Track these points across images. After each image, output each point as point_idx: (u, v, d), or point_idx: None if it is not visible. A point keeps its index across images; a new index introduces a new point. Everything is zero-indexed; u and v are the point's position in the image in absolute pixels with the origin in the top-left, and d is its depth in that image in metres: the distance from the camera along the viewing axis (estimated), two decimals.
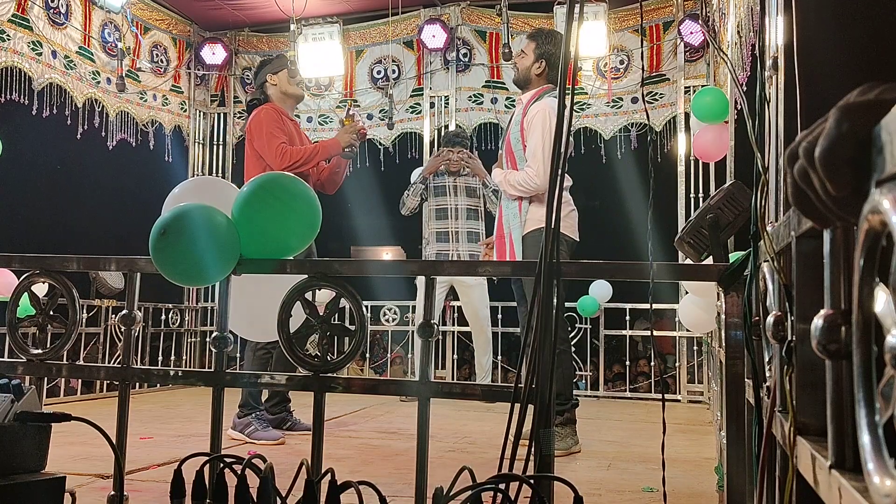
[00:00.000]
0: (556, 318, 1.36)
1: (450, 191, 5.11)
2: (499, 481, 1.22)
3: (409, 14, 6.06)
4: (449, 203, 5.10)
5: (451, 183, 5.10)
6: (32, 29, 4.84)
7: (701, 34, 5.20)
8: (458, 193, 5.11)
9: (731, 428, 1.41)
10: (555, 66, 3.40)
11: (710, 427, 3.87)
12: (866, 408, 0.50)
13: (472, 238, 5.12)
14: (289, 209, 1.87)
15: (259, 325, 2.36)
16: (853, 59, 0.96)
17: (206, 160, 6.58)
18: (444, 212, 5.11)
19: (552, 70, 3.42)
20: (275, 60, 3.86)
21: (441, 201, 5.11)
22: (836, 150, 0.50)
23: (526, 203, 3.38)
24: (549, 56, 3.43)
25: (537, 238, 3.28)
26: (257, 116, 3.61)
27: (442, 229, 5.12)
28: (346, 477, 1.24)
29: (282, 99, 3.75)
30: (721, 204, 1.66)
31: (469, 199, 5.12)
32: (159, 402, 4.81)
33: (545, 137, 3.30)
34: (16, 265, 2.25)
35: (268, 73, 3.76)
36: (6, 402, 1.49)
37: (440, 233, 5.12)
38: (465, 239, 5.10)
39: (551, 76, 3.43)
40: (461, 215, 5.10)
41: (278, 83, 3.75)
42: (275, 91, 3.75)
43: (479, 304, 5.14)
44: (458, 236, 5.09)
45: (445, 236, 5.11)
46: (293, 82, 3.78)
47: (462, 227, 5.10)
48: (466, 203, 5.11)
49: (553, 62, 3.41)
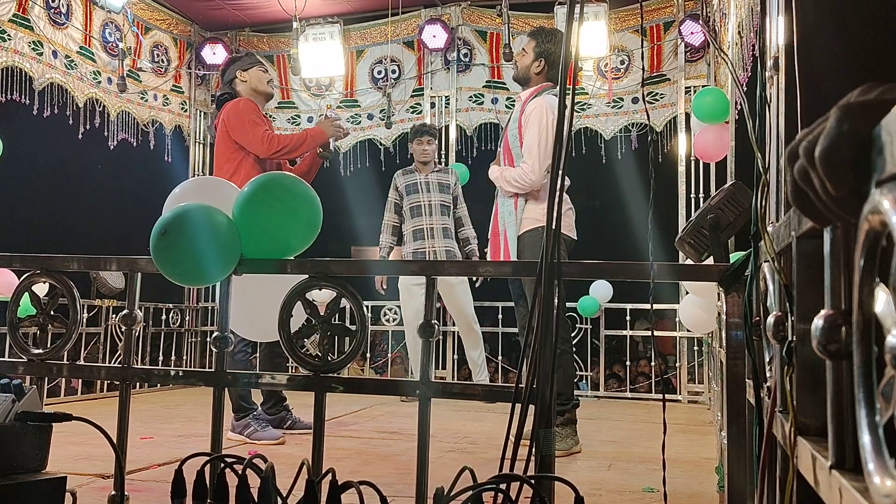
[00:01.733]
0: (557, 318, 1.36)
1: (422, 187, 5.04)
2: (499, 481, 1.23)
3: (409, 14, 6.06)
4: (422, 200, 5.02)
5: (422, 179, 5.04)
6: (33, 29, 4.84)
7: (701, 34, 5.20)
8: (430, 189, 5.04)
9: (732, 428, 1.40)
10: (554, 65, 3.40)
11: (711, 427, 3.87)
12: (866, 408, 0.50)
13: (447, 234, 5.06)
14: (289, 209, 1.87)
15: (259, 325, 2.36)
16: (853, 59, 0.96)
17: (206, 160, 6.58)
18: (419, 209, 5.04)
19: (552, 69, 3.42)
20: (244, 58, 3.81)
21: (414, 199, 5.04)
22: (837, 150, 0.50)
23: (522, 201, 3.37)
24: (548, 55, 3.42)
25: (535, 238, 3.28)
26: (235, 107, 3.55)
27: (417, 227, 5.04)
28: (347, 477, 1.24)
29: (252, 96, 3.69)
30: (721, 204, 1.66)
31: (442, 195, 5.06)
32: (160, 402, 4.81)
33: (541, 134, 3.30)
34: (16, 265, 2.25)
35: (238, 70, 3.71)
36: (7, 402, 1.49)
37: (416, 230, 5.04)
38: (441, 235, 5.03)
39: (551, 75, 3.43)
40: (435, 211, 5.03)
41: (248, 80, 3.69)
42: (244, 87, 3.69)
43: (464, 300, 5.10)
44: (433, 232, 5.01)
45: (421, 233, 5.03)
46: (264, 80, 3.73)
47: (437, 223, 5.03)
48: (440, 199, 5.04)
49: (553, 61, 3.41)
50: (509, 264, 2.67)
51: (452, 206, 5.13)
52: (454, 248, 5.08)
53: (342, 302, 1.73)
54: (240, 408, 3.46)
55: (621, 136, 5.73)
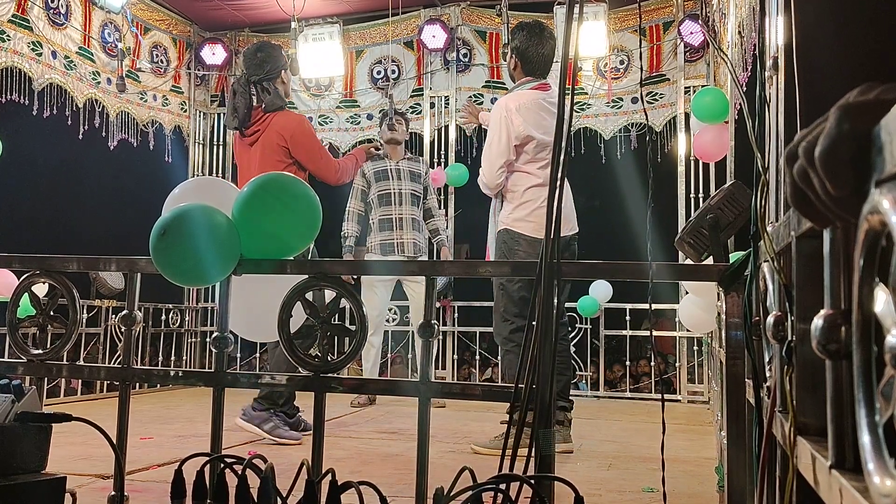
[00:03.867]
0: (557, 318, 1.36)
1: (392, 174, 4.79)
2: (499, 481, 1.23)
3: (409, 14, 6.07)
4: (392, 187, 4.77)
5: (392, 166, 4.79)
6: (32, 29, 4.84)
7: (701, 34, 5.20)
8: (401, 177, 4.78)
9: (732, 428, 1.40)
10: (528, 59, 3.39)
11: (710, 427, 3.87)
12: (866, 408, 0.50)
13: (416, 226, 4.82)
14: (289, 209, 1.87)
15: (259, 325, 2.36)
16: (853, 59, 0.96)
17: (206, 160, 6.59)
18: (388, 197, 4.78)
19: (526, 63, 3.40)
20: (279, 52, 3.60)
21: (384, 186, 4.78)
22: (836, 150, 0.50)
23: (498, 203, 3.41)
24: (520, 50, 3.41)
25: (499, 240, 3.32)
26: (302, 126, 3.46)
27: (386, 216, 4.78)
28: (347, 477, 1.24)
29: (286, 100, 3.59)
30: (721, 204, 1.66)
31: (413, 184, 4.81)
32: (159, 402, 4.81)
33: (492, 135, 3.32)
34: (16, 265, 2.25)
35: (282, 70, 3.54)
36: (7, 403, 1.49)
37: (383, 220, 4.78)
38: (410, 226, 4.78)
39: (527, 69, 3.42)
40: (405, 201, 4.77)
41: (287, 83, 3.58)
42: (284, 90, 3.56)
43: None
44: (403, 223, 4.76)
45: (389, 223, 4.77)
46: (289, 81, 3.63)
47: (406, 213, 4.78)
48: (410, 188, 4.80)
49: (526, 55, 3.39)
50: (509, 264, 2.67)
51: (423, 197, 4.91)
52: (422, 241, 4.88)
53: (342, 302, 1.73)
54: (269, 397, 3.33)
55: (621, 136, 5.73)
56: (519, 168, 3.31)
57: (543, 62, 3.40)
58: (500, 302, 3.31)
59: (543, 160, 3.25)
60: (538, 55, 3.38)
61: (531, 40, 3.38)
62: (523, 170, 3.30)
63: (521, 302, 3.19)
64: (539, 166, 3.27)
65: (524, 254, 3.21)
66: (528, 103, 3.29)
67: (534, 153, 3.28)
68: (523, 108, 3.28)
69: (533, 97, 3.32)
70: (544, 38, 3.40)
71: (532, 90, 3.35)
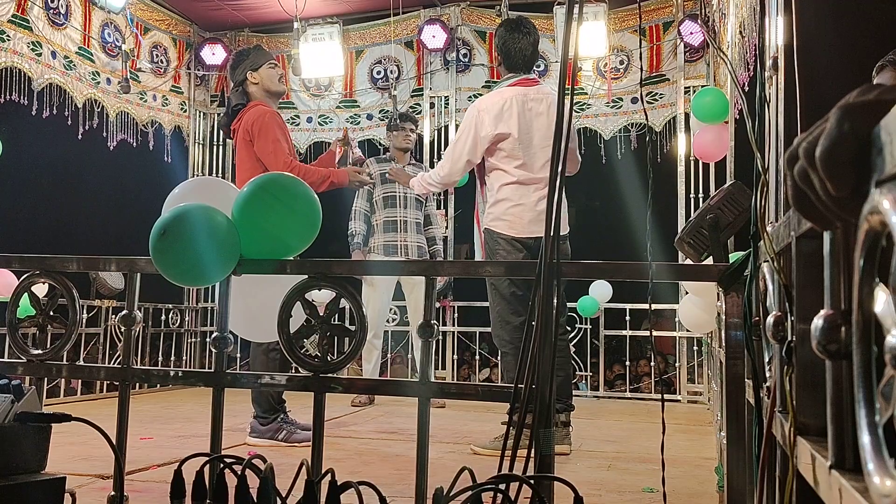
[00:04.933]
0: (557, 317, 1.36)
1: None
2: (499, 481, 1.22)
3: (409, 14, 6.06)
4: (398, 190, 4.85)
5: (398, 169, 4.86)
6: (32, 29, 4.84)
7: (701, 34, 5.20)
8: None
9: (732, 428, 1.41)
10: (509, 55, 3.40)
11: (710, 427, 3.87)
12: (866, 408, 0.50)
13: (419, 230, 4.93)
14: (289, 209, 1.87)
15: (259, 325, 2.36)
16: (853, 59, 0.96)
17: (206, 160, 6.59)
18: (393, 199, 4.87)
19: (508, 59, 3.40)
20: (253, 54, 3.53)
21: (389, 189, 4.86)
22: (837, 151, 0.50)
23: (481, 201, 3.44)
24: (501, 48, 3.41)
25: (485, 237, 3.35)
26: (262, 118, 3.35)
27: (390, 218, 4.86)
28: (346, 477, 1.24)
29: (264, 97, 3.48)
30: (721, 204, 1.66)
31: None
32: (159, 402, 4.81)
33: (461, 133, 3.37)
34: (16, 265, 2.25)
35: (248, 71, 3.46)
36: (6, 403, 1.49)
37: (388, 222, 4.86)
38: (414, 230, 4.88)
39: (508, 64, 3.42)
40: (410, 204, 4.88)
41: (260, 81, 3.46)
42: (257, 90, 3.47)
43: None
44: (407, 226, 4.86)
45: (394, 225, 4.86)
46: (275, 78, 3.51)
47: (411, 216, 4.88)
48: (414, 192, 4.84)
49: (507, 51, 3.39)
50: (508, 264, 2.67)
51: (425, 203, 5.02)
52: (425, 245, 4.97)
53: (341, 302, 1.73)
54: (270, 408, 3.30)
55: (621, 136, 5.73)
56: (496, 165, 3.31)
57: (523, 57, 3.39)
58: (494, 303, 3.31)
59: (520, 159, 3.24)
60: (517, 50, 3.38)
61: (509, 35, 3.38)
62: (500, 167, 3.30)
63: (513, 298, 3.20)
64: (516, 165, 3.26)
65: (504, 253, 3.22)
66: (503, 101, 3.28)
67: (510, 150, 3.26)
68: (496, 106, 3.27)
69: (510, 94, 3.30)
70: (523, 32, 3.40)
71: (511, 87, 3.34)
